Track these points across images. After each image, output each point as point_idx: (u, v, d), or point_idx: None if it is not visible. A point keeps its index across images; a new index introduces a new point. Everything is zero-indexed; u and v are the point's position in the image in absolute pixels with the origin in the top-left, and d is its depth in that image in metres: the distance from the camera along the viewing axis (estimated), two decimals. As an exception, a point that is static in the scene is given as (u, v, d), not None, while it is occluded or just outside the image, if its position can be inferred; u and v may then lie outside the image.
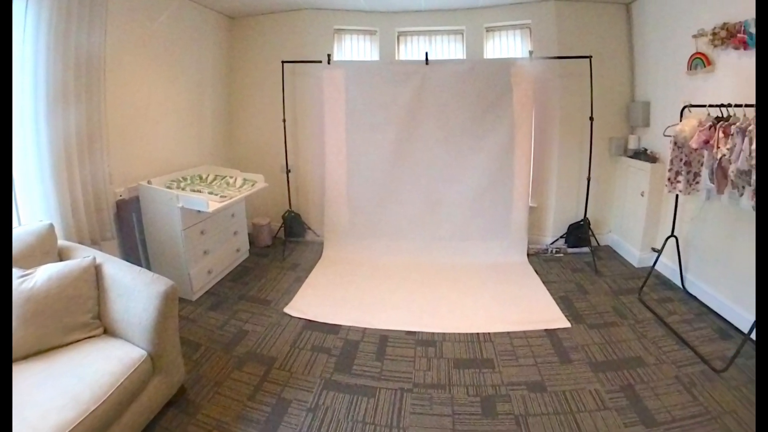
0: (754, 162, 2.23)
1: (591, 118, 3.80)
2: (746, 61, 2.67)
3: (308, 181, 4.40)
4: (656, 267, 3.45)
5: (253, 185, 3.60)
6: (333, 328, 2.80)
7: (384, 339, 2.68)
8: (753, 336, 2.41)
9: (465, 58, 4.21)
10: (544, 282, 3.51)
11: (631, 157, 3.93)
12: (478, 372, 2.37)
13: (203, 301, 3.13)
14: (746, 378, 2.30)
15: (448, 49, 4.33)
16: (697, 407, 2.09)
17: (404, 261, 3.86)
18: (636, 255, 3.86)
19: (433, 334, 2.74)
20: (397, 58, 4.32)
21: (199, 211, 2.95)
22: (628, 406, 2.10)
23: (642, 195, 3.73)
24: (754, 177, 2.26)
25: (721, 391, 2.21)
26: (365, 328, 2.80)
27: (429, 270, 3.72)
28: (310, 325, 2.85)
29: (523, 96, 3.82)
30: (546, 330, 2.80)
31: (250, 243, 4.11)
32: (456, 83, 3.82)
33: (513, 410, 2.07)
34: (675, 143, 2.90)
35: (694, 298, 3.22)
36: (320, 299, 3.19)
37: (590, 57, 3.71)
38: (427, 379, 2.30)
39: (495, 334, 2.74)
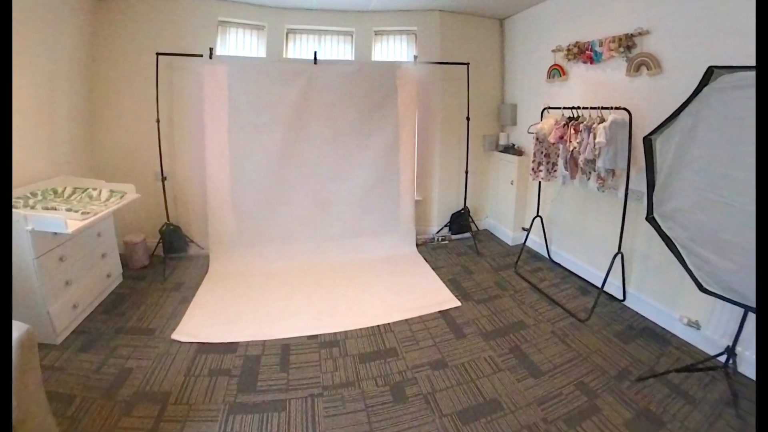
0: (597, 152, 2.80)
1: (468, 118, 4.20)
2: (591, 73, 3.31)
3: (188, 189, 3.98)
4: (527, 243, 3.98)
5: (121, 197, 3.09)
6: (230, 347, 2.60)
7: (286, 348, 2.59)
8: (605, 289, 3.03)
9: (353, 59, 4.27)
10: (433, 268, 3.75)
11: (501, 151, 4.48)
12: (383, 362, 2.44)
13: (71, 343, 2.62)
14: (603, 323, 2.88)
15: (337, 49, 4.34)
16: (571, 353, 2.54)
17: (298, 264, 3.78)
18: (510, 235, 4.38)
19: (335, 333, 2.74)
20: (285, 56, 4.17)
21: (55, 233, 2.49)
22: (518, 364, 2.42)
23: (512, 183, 4.27)
24: (597, 164, 2.84)
25: (587, 335, 2.73)
26: (265, 341, 2.65)
27: (324, 270, 3.70)
28: (204, 348, 2.59)
29: (408, 97, 4.03)
30: (440, 311, 3.01)
31: (123, 265, 3.55)
32: (344, 84, 3.84)
33: (421, 390, 2.19)
34: (537, 139, 3.43)
35: (559, 265, 3.82)
36: (212, 318, 2.94)
37: (468, 64, 4.11)
38: (335, 380, 2.29)
39: (394, 323, 2.85)
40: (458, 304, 3.11)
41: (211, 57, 3.59)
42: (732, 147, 1.91)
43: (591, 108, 2.96)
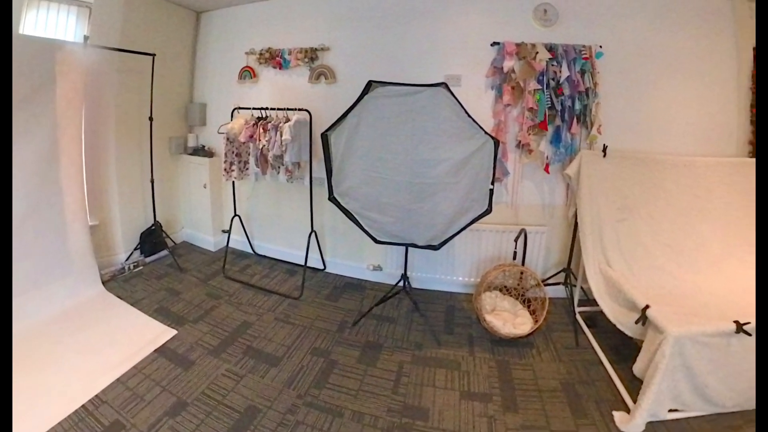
0: (284, 148, 3.16)
1: (151, 118, 3.60)
2: (280, 77, 3.69)
3: None
4: (230, 245, 3.95)
5: None
6: None
7: None
8: (309, 264, 3.50)
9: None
10: (133, 303, 3.13)
11: (191, 154, 4.17)
12: (109, 448, 1.88)
13: None
14: (314, 293, 3.37)
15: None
16: (297, 329, 2.83)
17: None
18: (211, 241, 4.23)
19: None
20: None
21: None
22: (256, 363, 2.46)
23: (205, 187, 4.08)
24: (285, 158, 3.21)
25: (306, 308, 3.13)
26: None
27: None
28: None
29: (71, 90, 2.97)
30: (156, 350, 2.56)
31: None
32: None
33: (168, 447, 1.87)
34: (227, 139, 3.44)
35: (265, 256, 4.04)
36: None
37: (154, 55, 3.47)
38: None
39: (104, 390, 2.20)
40: (174, 332, 2.76)
41: None
42: (383, 138, 2.63)
43: (278, 109, 3.29)
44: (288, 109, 3.27)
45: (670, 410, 2.07)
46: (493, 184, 2.60)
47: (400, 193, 2.67)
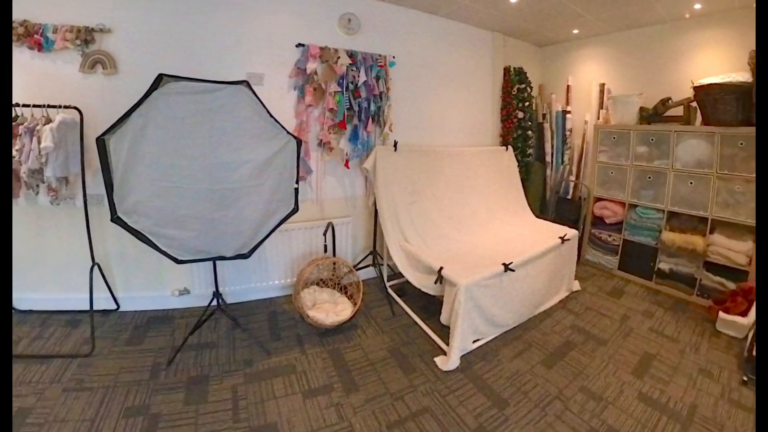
0: (44, 159, 2.47)
1: None
2: (39, 62, 2.75)
3: None
4: (-33, 306, 2.86)
5: None
6: None
7: None
8: (96, 308, 2.78)
9: None
10: None
11: None
12: None
13: None
14: (111, 341, 2.69)
15: None
16: (97, 394, 2.21)
17: None
18: (-71, 308, 2.98)
19: None
20: None
21: None
22: None
23: None
24: (46, 173, 2.51)
25: (103, 364, 2.45)
26: None
27: None
28: None
29: None
30: None
31: None
32: None
33: None
34: None
35: (30, 311, 3.02)
36: None
37: None
38: None
39: None
40: None
41: None
42: (176, 141, 2.33)
43: (35, 105, 2.52)
44: (50, 106, 2.56)
45: (474, 341, 2.67)
46: (297, 182, 2.69)
47: (200, 203, 2.43)
